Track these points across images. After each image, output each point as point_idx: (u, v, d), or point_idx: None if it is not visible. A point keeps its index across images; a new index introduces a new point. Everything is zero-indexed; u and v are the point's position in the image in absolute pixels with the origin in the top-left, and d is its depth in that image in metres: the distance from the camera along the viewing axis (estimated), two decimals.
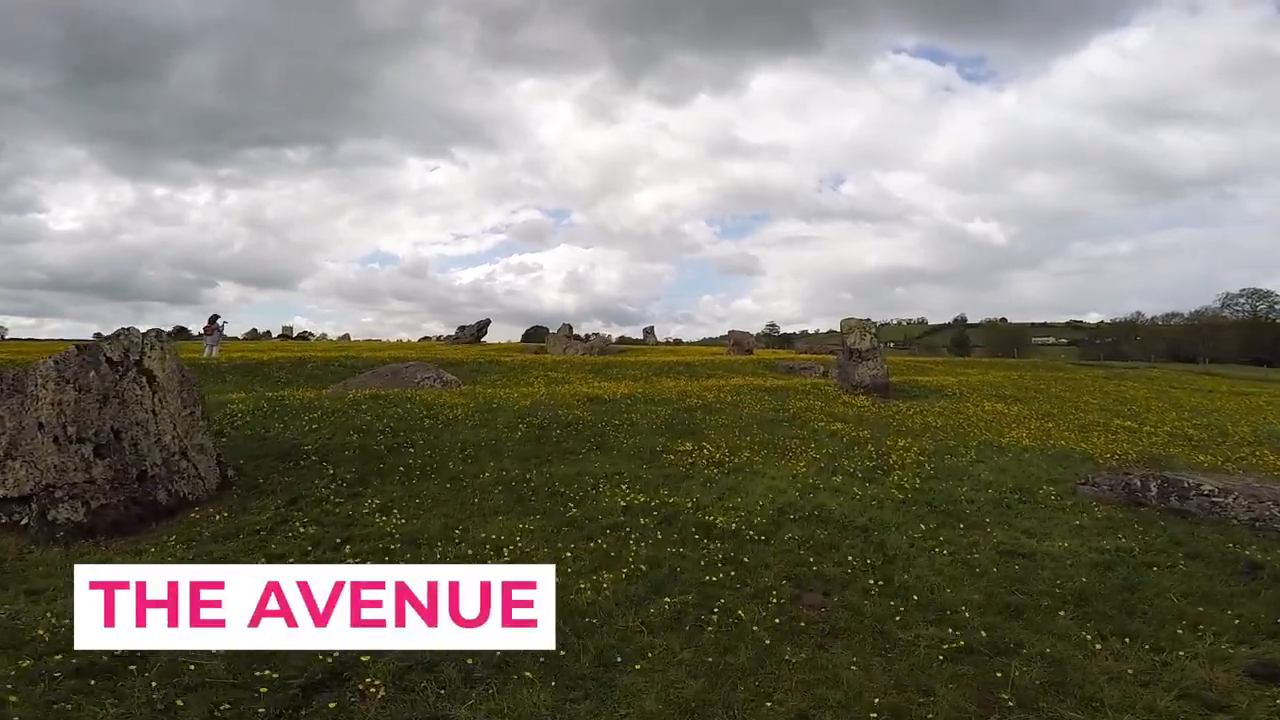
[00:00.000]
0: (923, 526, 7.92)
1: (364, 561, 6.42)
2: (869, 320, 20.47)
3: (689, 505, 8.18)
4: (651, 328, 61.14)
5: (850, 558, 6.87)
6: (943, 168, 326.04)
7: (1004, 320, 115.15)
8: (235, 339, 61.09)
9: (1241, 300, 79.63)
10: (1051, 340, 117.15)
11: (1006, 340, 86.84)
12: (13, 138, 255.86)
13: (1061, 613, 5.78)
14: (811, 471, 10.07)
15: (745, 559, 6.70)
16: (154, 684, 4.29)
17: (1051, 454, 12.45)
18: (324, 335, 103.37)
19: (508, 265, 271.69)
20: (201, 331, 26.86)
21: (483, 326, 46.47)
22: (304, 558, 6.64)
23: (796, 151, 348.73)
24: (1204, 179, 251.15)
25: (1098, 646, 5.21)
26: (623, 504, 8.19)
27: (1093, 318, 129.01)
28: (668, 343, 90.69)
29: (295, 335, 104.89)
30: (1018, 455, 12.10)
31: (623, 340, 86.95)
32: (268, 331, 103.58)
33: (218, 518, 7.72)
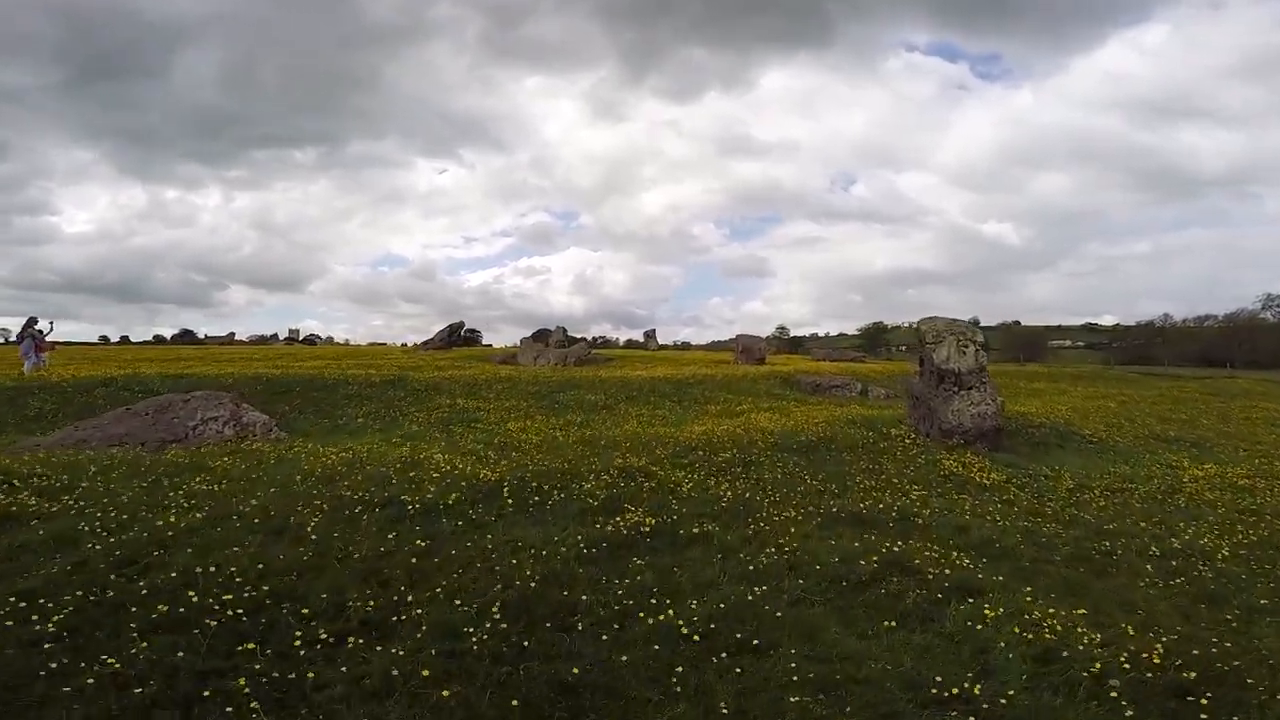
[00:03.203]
0: None
1: None
2: (967, 322, 11.49)
3: None
4: (653, 330, 52.05)
5: None
6: (956, 168, 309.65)
7: (1017, 323, 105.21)
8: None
9: None
10: (1069, 343, 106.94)
11: (1024, 344, 77.20)
12: (20, 137, 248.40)
13: None
14: None
15: None
16: None
17: None
18: (330, 339, 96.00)
19: (516, 268, 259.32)
20: (15, 339, 18.32)
21: (455, 330, 37.79)
22: None
23: (807, 150, 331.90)
24: (1222, 178, 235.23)
25: None
26: None
27: (1107, 320, 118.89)
28: (674, 346, 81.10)
29: (302, 338, 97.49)
30: None
31: (629, 344, 77.60)
32: (274, 334, 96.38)
33: None
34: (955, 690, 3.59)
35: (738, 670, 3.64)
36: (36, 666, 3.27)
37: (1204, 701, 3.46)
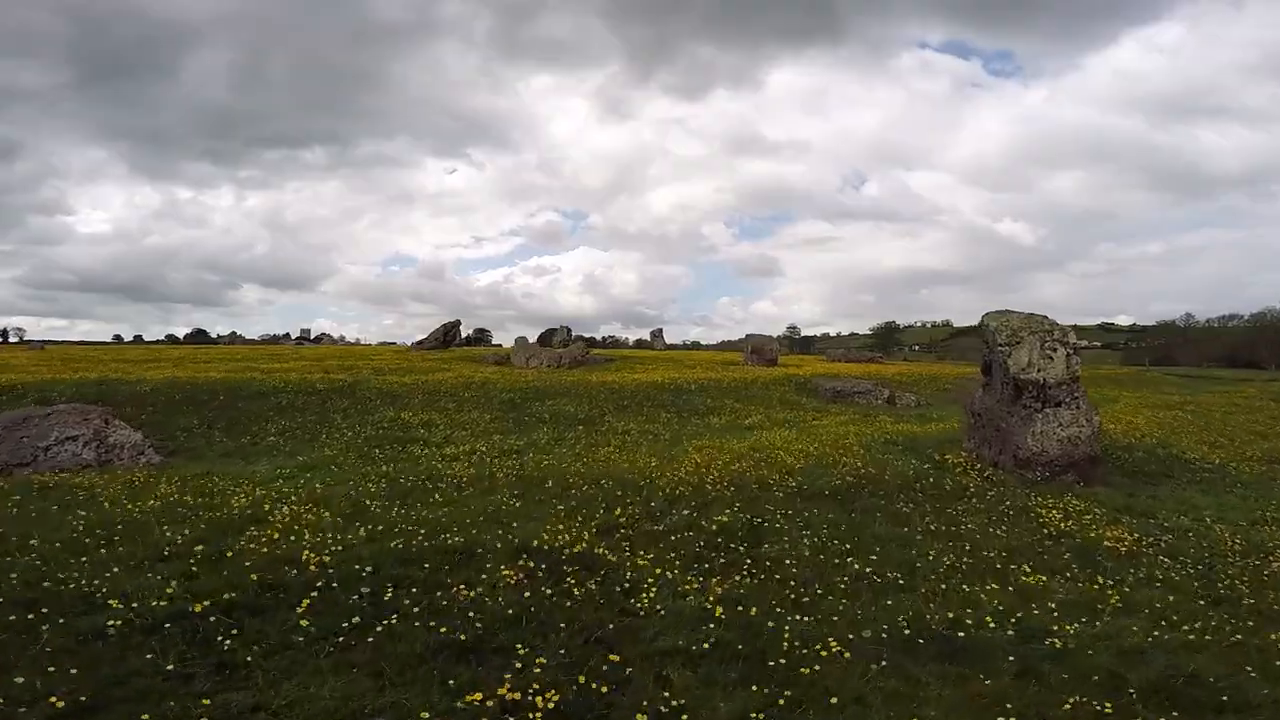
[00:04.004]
0: None
1: None
2: (1050, 319, 8.63)
3: None
4: (659, 330, 49.17)
5: None
6: (968, 166, 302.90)
7: None
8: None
9: None
10: (1084, 343, 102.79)
11: None
12: (34, 137, 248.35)
13: None
14: None
15: None
16: None
17: None
18: (342, 338, 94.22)
19: (525, 268, 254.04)
20: None
21: (450, 330, 35.17)
22: None
23: (817, 149, 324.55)
24: (1239, 178, 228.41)
25: None
26: None
27: (1122, 320, 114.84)
28: (683, 346, 77.52)
29: (313, 338, 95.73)
30: None
31: (639, 344, 74.37)
32: (286, 334, 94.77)
33: None
34: None
35: None
36: None
37: None
